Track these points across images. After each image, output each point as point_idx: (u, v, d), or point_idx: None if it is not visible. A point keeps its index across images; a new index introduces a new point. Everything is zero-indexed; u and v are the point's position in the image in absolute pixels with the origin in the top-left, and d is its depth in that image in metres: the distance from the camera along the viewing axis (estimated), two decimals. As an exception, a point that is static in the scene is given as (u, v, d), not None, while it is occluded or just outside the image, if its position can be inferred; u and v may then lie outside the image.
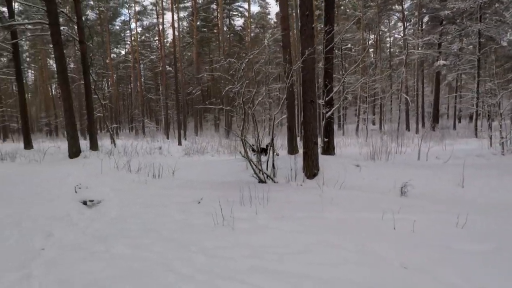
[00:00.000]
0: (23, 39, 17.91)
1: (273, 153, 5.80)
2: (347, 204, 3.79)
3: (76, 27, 12.56)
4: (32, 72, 41.51)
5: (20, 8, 23.40)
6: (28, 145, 14.72)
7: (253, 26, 34.48)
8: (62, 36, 10.66)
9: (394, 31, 30.05)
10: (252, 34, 33.40)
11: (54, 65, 38.06)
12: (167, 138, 23.08)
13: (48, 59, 33.72)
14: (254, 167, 5.54)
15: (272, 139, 5.78)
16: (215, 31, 33.17)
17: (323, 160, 6.11)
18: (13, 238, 3.17)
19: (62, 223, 3.72)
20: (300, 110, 14.12)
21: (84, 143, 12.68)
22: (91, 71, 13.80)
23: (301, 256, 2.52)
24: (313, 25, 5.71)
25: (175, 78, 15.02)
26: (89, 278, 2.28)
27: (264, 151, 6.38)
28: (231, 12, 33.19)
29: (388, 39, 33.51)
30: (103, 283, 2.21)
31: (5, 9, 14.63)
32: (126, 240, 3.03)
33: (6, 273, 2.39)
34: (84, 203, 4.62)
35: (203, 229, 3.29)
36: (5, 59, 31.63)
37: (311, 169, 5.62)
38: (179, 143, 15.66)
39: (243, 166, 7.31)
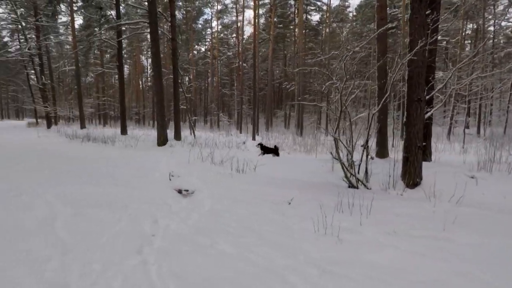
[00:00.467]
0: (124, 38, 20.27)
1: (367, 156, 5.26)
2: (478, 226, 3.12)
3: (169, 24, 13.55)
4: (127, 66, 47.17)
5: (122, 10, 26.64)
6: (124, 131, 16.62)
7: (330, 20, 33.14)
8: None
9: (501, 18, 25.52)
10: (328, 29, 32.11)
11: (145, 61, 42.59)
12: (240, 132, 23.73)
13: (141, 55, 37.69)
14: (345, 170, 5.10)
15: (367, 141, 5.23)
16: (291, 27, 32.89)
17: (423, 168, 5.33)
18: (124, 221, 3.37)
19: (162, 210, 3.87)
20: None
21: (167, 133, 13.71)
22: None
23: (439, 288, 2.07)
24: (426, 12, 4.97)
25: (253, 74, 15.17)
26: (202, 276, 2.22)
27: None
28: (308, 7, 32.45)
29: (491, 28, 28.70)
30: (216, 284, 2.12)
31: (113, 12, 16.62)
32: (228, 237, 2.96)
33: (126, 257, 2.49)
34: (179, 192, 4.81)
35: (305, 235, 3.04)
36: (108, 55, 36.57)
37: (413, 177, 4.93)
38: (253, 138, 15.88)
39: (328, 167, 6.90)
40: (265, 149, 10.11)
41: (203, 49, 40.46)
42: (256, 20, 16.46)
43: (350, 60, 4.83)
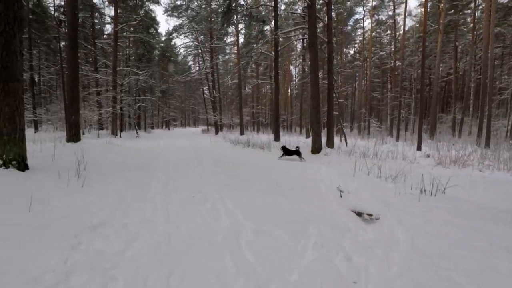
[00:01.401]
0: (280, 48, 21.58)
1: None
2: None
3: (326, 28, 13.11)
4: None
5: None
6: (277, 137, 17.41)
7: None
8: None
9: None
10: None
11: (294, 70, 44.60)
12: (397, 140, 20.82)
13: (290, 65, 39.63)
14: None
15: None
16: (466, 11, 26.63)
17: None
18: (310, 251, 2.82)
19: (348, 239, 3.14)
20: None
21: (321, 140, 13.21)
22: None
23: None
24: None
25: (421, 72, 12.70)
26: None
27: None
28: (494, -19, 25.33)
29: None
30: None
31: (267, 27, 17.74)
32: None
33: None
34: (358, 214, 3.98)
35: None
36: (261, 68, 40.51)
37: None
38: (418, 148, 13.29)
39: None
40: (286, 151, 9.74)
41: (351, 52, 38.63)
42: (427, 3, 13.80)
43: None
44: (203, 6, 26.50)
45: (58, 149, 8.47)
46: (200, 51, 30.79)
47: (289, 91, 45.23)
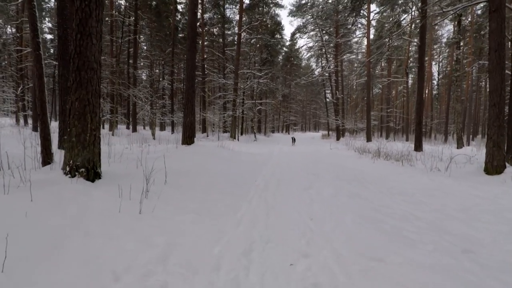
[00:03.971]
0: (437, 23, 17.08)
1: None
2: None
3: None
4: (412, 75, 43.14)
5: None
6: (419, 147, 13.47)
7: None
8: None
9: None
10: None
11: (435, 67, 36.66)
12: None
13: (432, 61, 32.52)
14: None
15: None
16: None
17: None
18: None
19: None
20: None
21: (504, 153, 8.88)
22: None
23: None
24: None
25: None
26: None
27: None
28: None
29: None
30: None
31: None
32: None
33: None
34: None
35: None
36: (393, 65, 34.84)
37: None
38: None
39: None
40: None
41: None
42: None
43: None
44: (330, 0, 24.22)
45: (161, 152, 8.01)
46: (324, 50, 28.65)
47: (426, 91, 37.41)
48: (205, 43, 30.86)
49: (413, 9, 25.55)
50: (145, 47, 31.78)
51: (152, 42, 28.11)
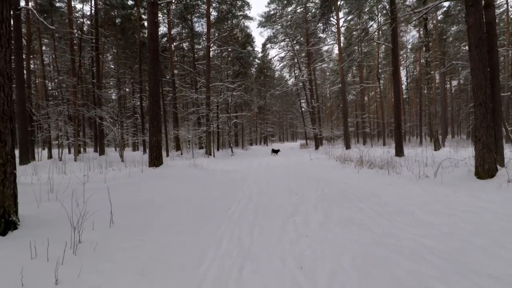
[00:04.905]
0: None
1: None
2: None
3: None
4: (382, 81, 44.23)
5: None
6: (400, 152, 13.13)
7: None
8: None
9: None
10: None
11: (402, 72, 37.65)
12: None
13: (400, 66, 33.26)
14: None
15: None
16: None
17: None
18: None
19: None
20: None
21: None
22: None
23: None
24: None
25: None
26: None
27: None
28: None
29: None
30: None
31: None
32: None
33: None
34: None
35: None
36: (364, 71, 35.47)
37: None
38: None
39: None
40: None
41: None
42: None
43: None
44: (298, 10, 24.18)
45: (123, 178, 6.93)
46: (296, 60, 28.56)
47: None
48: (175, 58, 29.98)
49: (379, 16, 26.11)
50: (112, 66, 30.34)
51: (119, 60, 26.82)
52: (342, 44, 25.61)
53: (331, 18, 19.88)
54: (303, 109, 36.30)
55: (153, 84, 9.56)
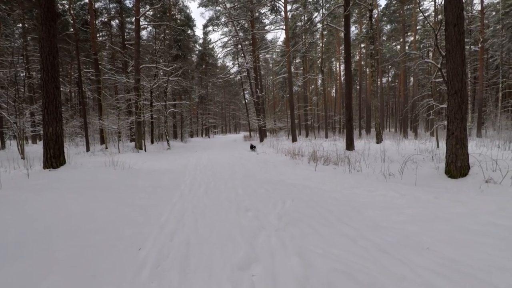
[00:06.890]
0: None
1: None
2: None
3: None
4: (321, 77, 45.10)
5: None
6: (350, 146, 12.35)
7: None
8: None
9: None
10: None
11: (339, 68, 38.69)
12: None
13: (337, 62, 33.91)
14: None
15: None
16: None
17: None
18: None
19: None
20: None
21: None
22: None
23: None
24: None
25: None
26: None
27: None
28: None
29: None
30: None
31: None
32: None
33: None
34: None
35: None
36: (308, 62, 35.39)
37: None
38: None
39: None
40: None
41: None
42: None
43: None
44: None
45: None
46: (240, 47, 26.71)
47: (334, 89, 39.45)
48: (102, 37, 25.79)
49: (324, 7, 25.62)
50: None
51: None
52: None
53: (278, 2, 18.47)
54: (246, 100, 34.84)
55: (46, 54, 6.84)
